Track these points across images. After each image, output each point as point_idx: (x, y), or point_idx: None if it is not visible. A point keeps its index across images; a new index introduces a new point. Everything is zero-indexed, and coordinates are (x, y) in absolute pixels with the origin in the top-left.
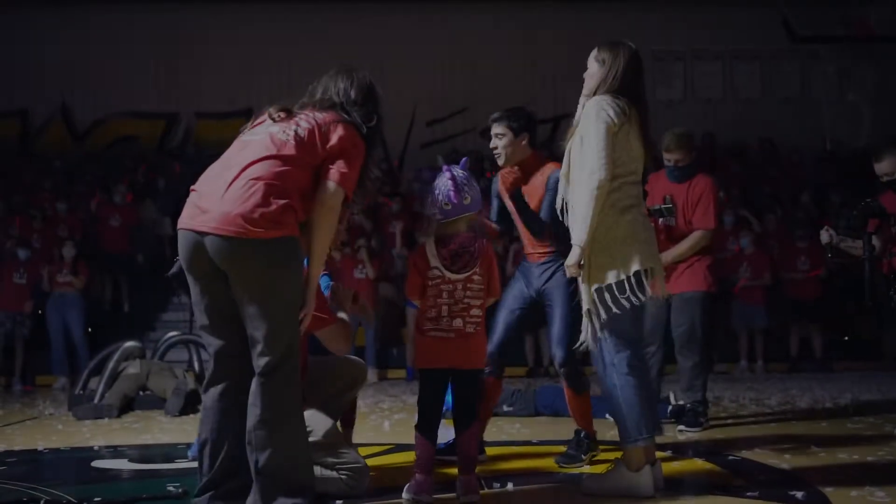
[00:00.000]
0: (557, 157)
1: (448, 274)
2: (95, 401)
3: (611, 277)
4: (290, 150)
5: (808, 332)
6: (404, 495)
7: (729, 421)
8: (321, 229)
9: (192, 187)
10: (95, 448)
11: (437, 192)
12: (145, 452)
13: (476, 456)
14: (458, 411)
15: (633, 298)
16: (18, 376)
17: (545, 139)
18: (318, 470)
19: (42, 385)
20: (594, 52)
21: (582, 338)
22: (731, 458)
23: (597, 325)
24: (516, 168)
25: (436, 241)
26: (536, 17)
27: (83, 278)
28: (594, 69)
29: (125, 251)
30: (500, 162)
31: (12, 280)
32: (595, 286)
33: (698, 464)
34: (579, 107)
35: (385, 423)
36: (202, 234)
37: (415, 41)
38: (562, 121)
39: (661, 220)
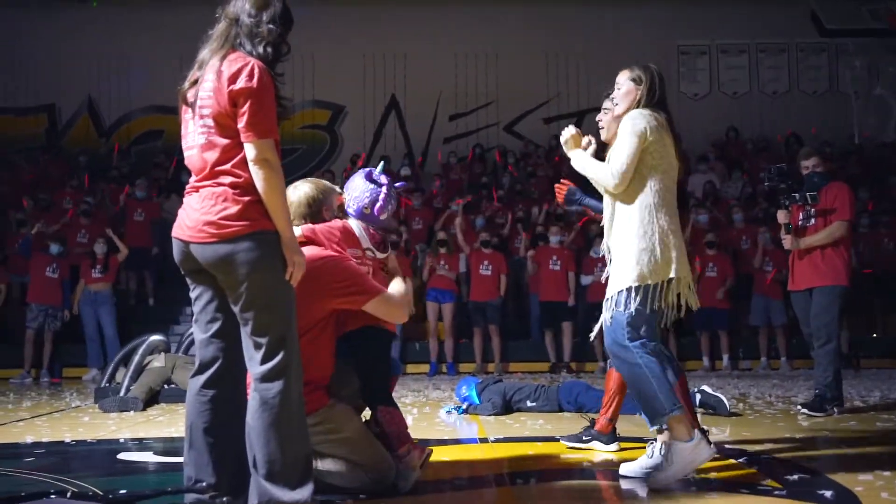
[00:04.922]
0: None
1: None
2: (121, 394)
3: (654, 278)
4: (215, 134)
5: None
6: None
7: (755, 418)
8: (266, 188)
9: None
10: (121, 440)
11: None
12: (170, 445)
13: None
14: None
15: (663, 303)
16: (46, 369)
17: None
18: (342, 465)
19: (68, 377)
20: (626, 73)
21: (597, 328)
22: (758, 455)
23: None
24: None
25: None
26: (561, 12)
27: (112, 275)
28: (629, 87)
29: (149, 246)
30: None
31: (45, 274)
32: (643, 283)
33: (725, 461)
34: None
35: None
36: (185, 242)
37: (438, 35)
38: (586, 115)
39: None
